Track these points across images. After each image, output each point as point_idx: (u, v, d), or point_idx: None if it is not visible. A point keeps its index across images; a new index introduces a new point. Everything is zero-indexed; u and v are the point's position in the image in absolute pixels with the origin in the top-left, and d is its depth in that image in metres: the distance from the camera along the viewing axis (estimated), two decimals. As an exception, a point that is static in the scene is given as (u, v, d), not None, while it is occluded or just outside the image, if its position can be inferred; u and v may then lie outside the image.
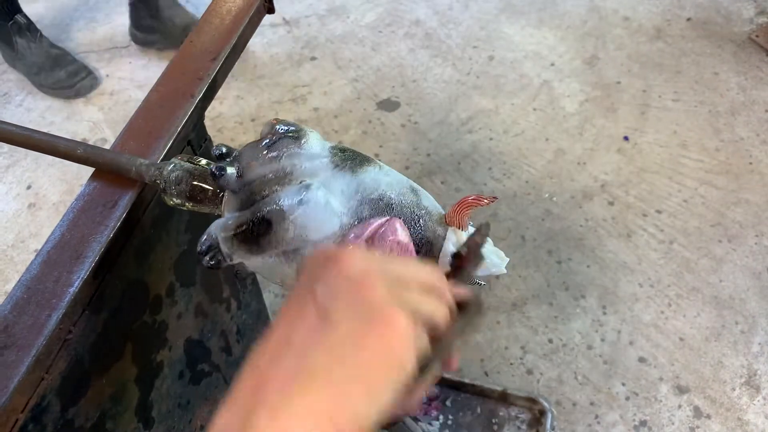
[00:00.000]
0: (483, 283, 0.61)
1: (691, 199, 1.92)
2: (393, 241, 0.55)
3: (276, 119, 0.61)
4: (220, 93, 2.26)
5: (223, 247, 0.59)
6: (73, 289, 0.64)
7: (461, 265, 0.53)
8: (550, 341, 1.66)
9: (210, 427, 0.39)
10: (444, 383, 1.57)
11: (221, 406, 0.40)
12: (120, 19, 2.54)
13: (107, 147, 0.76)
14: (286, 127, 0.58)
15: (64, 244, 0.67)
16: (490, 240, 0.59)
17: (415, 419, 1.53)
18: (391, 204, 0.58)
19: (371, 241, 0.55)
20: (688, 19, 2.44)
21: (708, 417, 1.53)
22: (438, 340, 0.45)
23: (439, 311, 0.45)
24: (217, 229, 0.59)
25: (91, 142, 2.16)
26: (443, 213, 0.61)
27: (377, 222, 0.56)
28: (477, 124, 2.13)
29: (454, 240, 0.57)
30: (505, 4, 2.55)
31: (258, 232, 0.56)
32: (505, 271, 0.59)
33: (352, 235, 0.56)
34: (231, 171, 0.59)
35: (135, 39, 2.44)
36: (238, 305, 1.11)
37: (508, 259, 0.59)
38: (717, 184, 1.95)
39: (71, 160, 0.71)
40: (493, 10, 2.53)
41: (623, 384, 1.58)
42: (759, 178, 1.96)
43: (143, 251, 0.77)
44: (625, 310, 1.70)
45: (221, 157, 0.62)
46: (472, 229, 0.60)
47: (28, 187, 2.05)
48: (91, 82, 2.31)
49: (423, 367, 0.43)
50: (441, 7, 2.56)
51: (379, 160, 0.64)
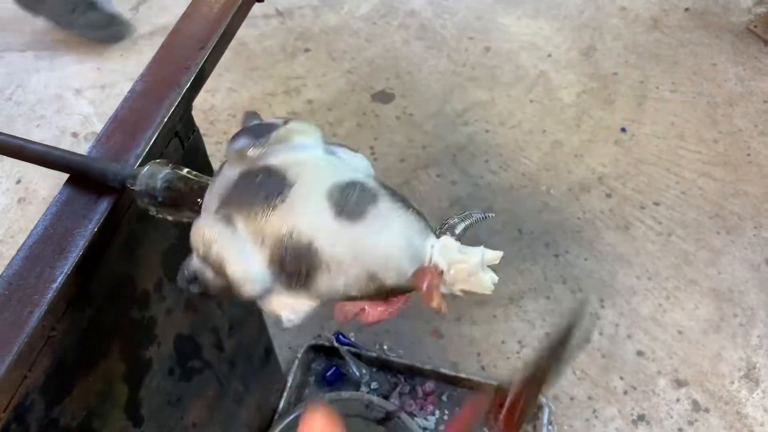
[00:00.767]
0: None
1: (689, 190, 1.90)
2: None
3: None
4: (212, 85, 2.25)
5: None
6: (56, 285, 0.62)
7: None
8: (548, 335, 1.64)
9: None
10: (440, 378, 1.55)
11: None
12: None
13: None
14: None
15: (47, 239, 0.65)
16: (486, 254, 0.56)
17: (412, 414, 1.52)
18: (358, 298, 0.57)
19: None
20: (686, 9, 2.42)
21: (706, 410, 1.52)
22: None
23: None
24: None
25: (81, 136, 2.14)
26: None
27: None
28: (473, 115, 2.11)
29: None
30: (501, -6, 2.53)
31: None
32: (489, 292, 0.57)
33: None
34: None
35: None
36: (229, 302, 1.09)
37: (497, 278, 0.57)
38: (715, 175, 1.94)
39: (41, 165, 0.69)
40: (489, 0, 2.51)
41: (621, 378, 1.57)
42: (757, 169, 1.95)
43: (130, 245, 0.75)
44: (622, 303, 1.68)
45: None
46: None
47: (18, 181, 2.02)
48: (126, 29, 2.29)
49: None
50: (436, -2, 2.54)
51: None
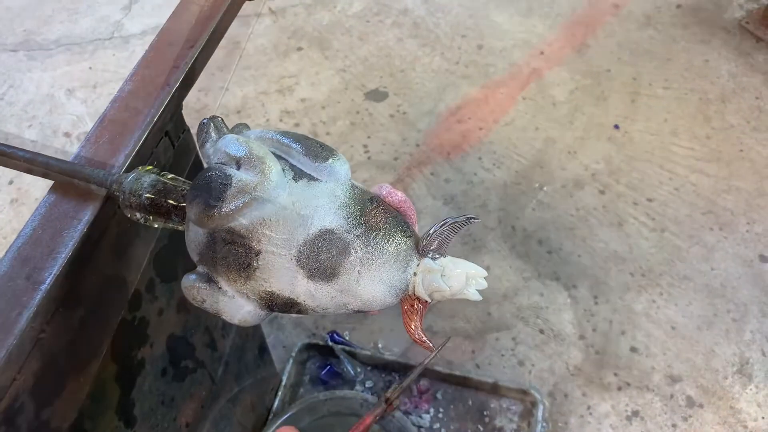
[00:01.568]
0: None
1: (682, 187, 1.91)
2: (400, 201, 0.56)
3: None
4: (204, 84, 2.24)
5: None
6: (45, 287, 0.62)
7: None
8: (542, 332, 1.64)
9: None
10: (435, 376, 1.55)
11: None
12: (103, 11, 2.50)
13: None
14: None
15: (36, 240, 0.65)
16: (469, 273, 0.55)
17: (406, 413, 1.52)
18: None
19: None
20: (678, 5, 2.43)
21: (701, 406, 1.52)
22: None
23: None
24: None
25: (74, 136, 2.13)
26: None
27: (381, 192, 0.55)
28: (466, 113, 2.11)
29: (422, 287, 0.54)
30: (494, -8, 2.53)
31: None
32: (480, 298, 0.56)
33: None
34: None
35: None
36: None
37: (486, 285, 0.55)
38: (708, 171, 1.94)
39: (24, 171, 0.69)
40: (482, -2, 2.51)
41: (615, 374, 1.57)
42: (750, 165, 1.95)
43: (120, 246, 0.75)
44: (616, 299, 1.69)
45: None
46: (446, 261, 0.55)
47: (11, 182, 2.01)
48: None
49: None
50: (429, -4, 2.54)
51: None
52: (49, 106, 2.22)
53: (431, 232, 0.53)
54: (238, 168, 0.55)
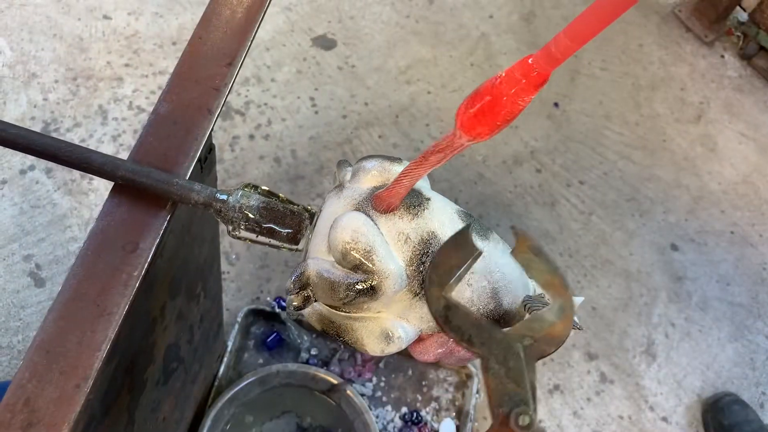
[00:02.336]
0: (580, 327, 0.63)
1: (611, 172, 2.03)
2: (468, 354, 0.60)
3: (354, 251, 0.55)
4: (135, 6, 2.04)
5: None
6: (101, 354, 0.58)
7: None
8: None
9: None
10: (378, 346, 1.60)
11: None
12: None
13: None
14: (362, 285, 0.54)
15: (82, 296, 0.60)
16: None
17: (350, 381, 1.57)
18: None
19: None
20: (620, -17, 2.48)
21: (611, 382, 1.70)
22: None
23: None
24: (318, 267, 0.56)
25: (-18, 51, 1.89)
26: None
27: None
28: (415, 74, 2.09)
29: None
30: (446, -60, 2.45)
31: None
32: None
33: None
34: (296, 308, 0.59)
35: None
36: (204, 294, 1.05)
37: (582, 297, 0.62)
38: (634, 158, 2.07)
39: (109, 179, 0.62)
40: (434, -55, 2.43)
41: (542, 350, 1.70)
42: (670, 155, 2.10)
43: (150, 282, 0.70)
44: (547, 279, 1.80)
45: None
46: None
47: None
48: None
49: None
50: (380, -65, 2.42)
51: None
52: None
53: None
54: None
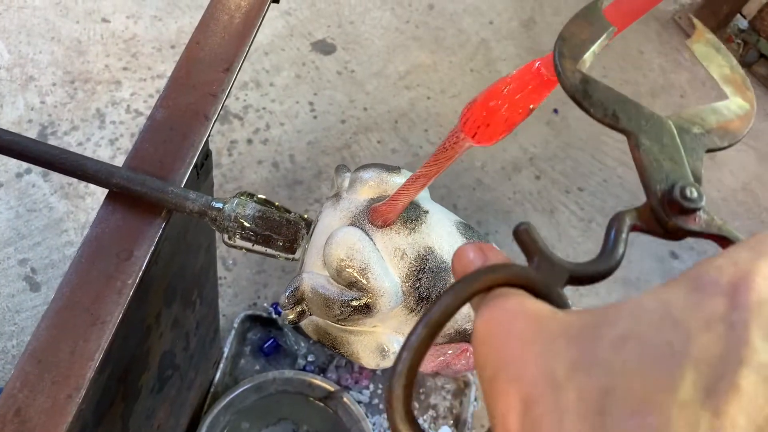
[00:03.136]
0: None
1: (610, 179, 2.02)
2: (464, 367, 0.58)
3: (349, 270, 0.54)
4: (134, 9, 2.04)
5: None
6: (94, 364, 0.57)
7: None
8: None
9: None
10: (375, 352, 1.60)
11: None
12: None
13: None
14: (356, 303, 0.53)
15: (74, 305, 0.59)
16: None
17: (347, 388, 1.56)
18: (468, 334, 0.57)
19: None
20: (620, -10, 2.48)
21: (610, 391, 1.69)
22: None
23: None
24: (313, 283, 0.55)
25: (-20, 53, 1.88)
26: None
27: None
28: (415, 80, 2.08)
29: None
30: (446, -54, 2.45)
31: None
32: None
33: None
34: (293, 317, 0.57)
35: None
36: (201, 301, 1.04)
37: None
38: (633, 165, 2.06)
39: (103, 186, 0.62)
40: (434, -49, 2.43)
41: (540, 358, 1.69)
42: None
43: (145, 290, 0.69)
44: (545, 286, 1.79)
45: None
46: None
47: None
48: None
49: None
50: (380, -60, 2.42)
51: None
52: None
53: None
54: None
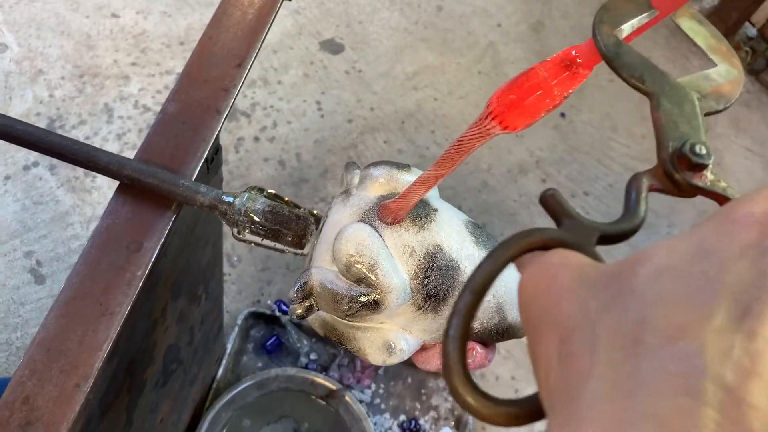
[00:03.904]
0: None
1: (616, 183, 2.02)
2: (470, 366, 0.58)
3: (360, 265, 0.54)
4: (144, 5, 2.04)
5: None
6: (102, 354, 0.57)
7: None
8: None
9: None
10: (378, 352, 1.60)
11: None
12: None
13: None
14: (365, 298, 0.53)
15: (85, 295, 0.59)
16: None
17: (349, 387, 1.56)
18: (475, 333, 0.57)
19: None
20: (629, -5, 2.48)
21: (612, 395, 1.69)
22: None
23: None
24: (322, 278, 0.55)
25: (-10, 46, 1.89)
26: None
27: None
28: (422, 81, 2.08)
29: None
30: (456, -52, 2.45)
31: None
32: None
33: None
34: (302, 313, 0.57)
35: None
36: (206, 297, 1.05)
37: None
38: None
39: (115, 178, 0.62)
40: (444, -47, 2.43)
41: (542, 361, 1.69)
42: (675, 169, 2.09)
43: (153, 283, 0.70)
44: (549, 289, 1.79)
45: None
46: None
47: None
48: None
49: None
50: (390, -59, 2.42)
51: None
52: (-43, 3, 1.94)
53: None
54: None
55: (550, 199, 0.35)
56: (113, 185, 0.64)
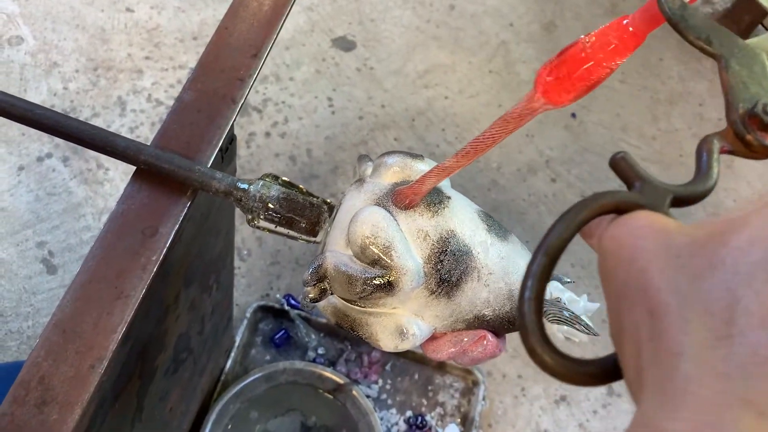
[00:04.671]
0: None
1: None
2: (481, 354, 0.58)
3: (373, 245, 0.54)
4: (158, 0, 2.05)
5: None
6: (116, 336, 0.58)
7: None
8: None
9: None
10: (386, 348, 1.60)
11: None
12: None
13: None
14: (379, 280, 0.53)
15: (101, 278, 0.60)
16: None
17: (356, 382, 1.57)
18: (486, 320, 0.57)
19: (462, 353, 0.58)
20: (642, -4, 2.48)
21: (619, 396, 1.69)
22: None
23: None
24: (336, 261, 0.55)
25: (4, 39, 1.90)
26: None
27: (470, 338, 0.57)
28: (433, 79, 2.09)
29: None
30: (469, -53, 2.45)
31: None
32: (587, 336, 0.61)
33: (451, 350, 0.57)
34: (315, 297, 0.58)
35: None
36: (217, 287, 1.05)
37: (598, 304, 0.60)
38: (650, 172, 2.05)
39: (132, 163, 0.63)
40: (457, -48, 2.43)
41: (549, 360, 1.69)
42: (686, 170, 2.09)
43: (167, 269, 0.71)
44: (557, 289, 1.79)
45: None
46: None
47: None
48: None
49: None
50: (403, -61, 2.42)
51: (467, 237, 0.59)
52: (-27, -5, 1.96)
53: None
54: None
55: (621, 162, 0.35)
56: (125, 177, 0.65)
